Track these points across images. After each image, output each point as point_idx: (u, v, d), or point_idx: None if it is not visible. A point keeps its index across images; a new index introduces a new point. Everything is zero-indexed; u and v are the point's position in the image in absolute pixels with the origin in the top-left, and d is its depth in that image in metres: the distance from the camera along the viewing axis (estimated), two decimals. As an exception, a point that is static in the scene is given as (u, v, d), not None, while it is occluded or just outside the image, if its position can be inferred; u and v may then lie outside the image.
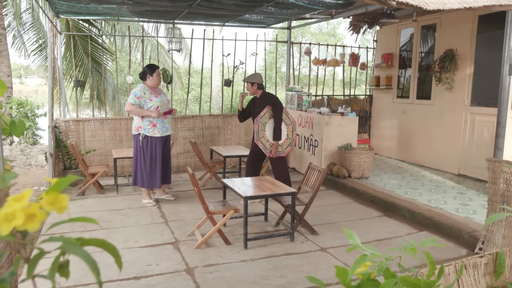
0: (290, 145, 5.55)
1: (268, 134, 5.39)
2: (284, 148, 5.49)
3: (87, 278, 3.29)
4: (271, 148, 5.36)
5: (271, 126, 5.40)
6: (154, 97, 5.29)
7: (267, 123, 5.39)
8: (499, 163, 3.66)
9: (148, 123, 5.26)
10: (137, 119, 5.30)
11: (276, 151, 5.36)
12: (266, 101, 5.44)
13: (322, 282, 1.04)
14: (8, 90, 8.60)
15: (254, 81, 5.46)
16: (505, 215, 3.58)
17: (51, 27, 6.22)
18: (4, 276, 0.69)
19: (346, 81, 9.43)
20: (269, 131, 5.40)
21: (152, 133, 5.28)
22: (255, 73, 5.69)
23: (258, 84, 5.46)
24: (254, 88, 5.48)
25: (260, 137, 5.33)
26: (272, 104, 5.40)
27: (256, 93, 5.52)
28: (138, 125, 5.28)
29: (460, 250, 4.09)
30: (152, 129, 5.28)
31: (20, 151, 7.84)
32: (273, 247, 4.09)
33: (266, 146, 5.35)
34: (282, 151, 5.47)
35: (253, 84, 5.46)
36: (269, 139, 5.38)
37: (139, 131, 5.28)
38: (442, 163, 7.03)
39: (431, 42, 7.40)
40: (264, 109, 5.39)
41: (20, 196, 0.67)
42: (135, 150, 5.37)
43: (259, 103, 5.50)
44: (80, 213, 5.13)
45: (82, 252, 0.65)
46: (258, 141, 5.34)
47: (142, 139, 5.27)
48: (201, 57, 8.03)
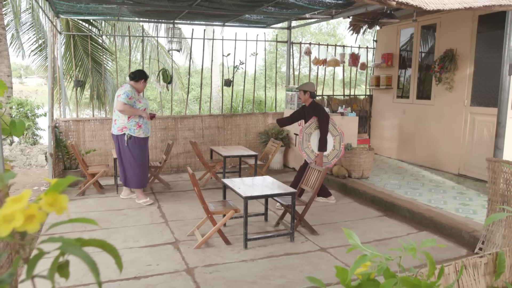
0: (337, 156, 5.48)
1: (313, 144, 5.34)
2: (330, 159, 5.43)
3: (87, 278, 3.29)
4: (316, 158, 5.29)
5: (316, 137, 5.34)
6: (142, 99, 5.41)
7: (312, 133, 5.34)
8: (499, 163, 3.66)
9: (134, 123, 5.27)
10: (122, 119, 5.27)
11: (321, 161, 5.29)
12: (312, 111, 5.40)
13: (322, 282, 1.04)
14: (8, 90, 8.60)
15: (307, 89, 5.41)
16: (505, 215, 3.58)
17: (51, 27, 6.22)
18: (3, 276, 0.69)
19: (346, 81, 9.43)
20: (314, 142, 5.34)
21: (137, 134, 5.31)
22: (308, 82, 5.67)
23: (310, 92, 5.42)
24: (306, 97, 5.44)
25: (304, 147, 5.29)
26: (317, 115, 5.33)
27: (307, 102, 5.48)
28: (123, 125, 5.26)
29: (460, 250, 4.08)
30: (138, 130, 5.31)
31: (20, 151, 7.84)
32: (273, 247, 4.09)
33: (311, 156, 5.30)
34: (328, 162, 5.42)
35: (306, 92, 5.42)
36: (313, 149, 5.34)
37: (124, 131, 5.27)
38: (442, 163, 7.03)
39: (431, 42, 7.40)
40: (310, 120, 5.36)
41: (19, 197, 0.67)
42: (120, 150, 5.34)
43: (307, 112, 5.47)
44: (80, 213, 5.13)
45: (81, 253, 0.65)
46: (302, 151, 5.30)
47: (128, 139, 5.27)
48: (201, 57, 8.03)
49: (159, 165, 6.33)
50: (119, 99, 5.23)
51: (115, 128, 5.34)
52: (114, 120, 5.38)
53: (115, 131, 5.34)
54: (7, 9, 10.22)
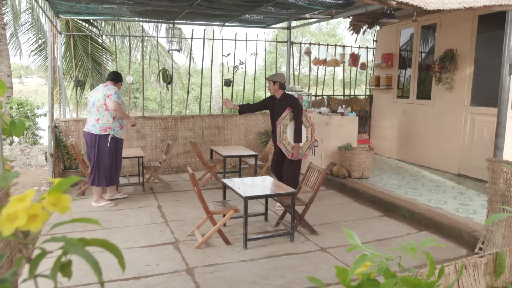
0: (310, 147, 5.46)
1: (289, 136, 5.31)
2: (304, 151, 5.40)
3: (87, 278, 3.29)
4: (293, 150, 5.27)
5: (292, 129, 5.31)
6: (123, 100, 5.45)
7: (288, 125, 5.31)
8: (499, 163, 3.67)
9: (118, 124, 5.27)
10: (106, 119, 5.19)
11: (298, 153, 5.27)
12: (286, 102, 5.31)
13: (322, 282, 1.05)
14: (8, 90, 8.60)
15: (277, 80, 5.33)
16: (505, 215, 3.58)
17: (51, 27, 6.22)
18: (6, 276, 0.69)
19: (346, 81, 9.43)
20: (290, 134, 5.31)
21: (119, 135, 5.34)
22: (278, 72, 5.62)
23: (280, 83, 5.33)
24: (275, 87, 5.35)
25: (282, 139, 5.26)
26: (292, 106, 5.27)
27: (276, 93, 5.39)
28: (107, 125, 5.19)
29: (460, 250, 4.09)
30: (121, 131, 5.35)
31: (20, 151, 7.84)
32: (273, 247, 4.10)
33: (288, 148, 5.27)
34: (303, 154, 5.38)
35: (275, 83, 5.34)
36: (290, 141, 5.31)
37: (108, 131, 5.20)
38: (442, 163, 7.04)
39: (431, 42, 7.40)
40: (285, 111, 5.29)
41: (22, 196, 0.67)
42: (101, 150, 5.23)
43: (278, 104, 5.38)
44: (80, 213, 5.13)
45: (84, 252, 0.66)
46: (280, 143, 5.25)
47: (111, 140, 5.22)
48: (201, 57, 8.03)
49: (159, 165, 6.33)
50: (111, 98, 5.14)
51: (97, 127, 5.18)
52: (96, 120, 5.19)
53: (97, 131, 5.18)
54: (6, 9, 10.22)
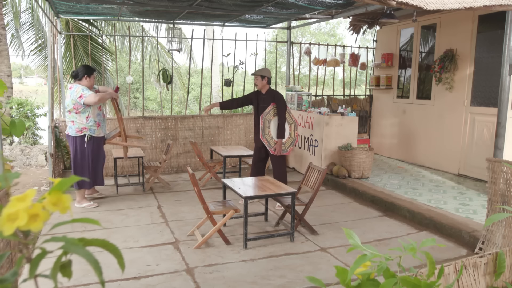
0: (292, 144, 5.54)
1: (272, 131, 5.36)
2: (286, 147, 5.48)
3: (87, 278, 3.29)
4: (275, 146, 5.33)
5: (275, 124, 5.36)
6: None
7: (272, 120, 5.36)
8: (499, 163, 3.67)
9: (93, 123, 5.15)
10: (80, 120, 5.09)
11: (280, 149, 5.33)
12: (270, 98, 5.36)
13: (322, 282, 1.05)
14: (8, 90, 8.60)
15: (266, 75, 5.36)
16: (505, 215, 3.58)
17: (51, 27, 6.21)
18: (6, 276, 0.69)
19: (346, 81, 9.43)
20: (273, 129, 5.37)
21: (97, 133, 5.22)
22: (264, 67, 5.63)
23: (268, 78, 5.37)
24: (263, 82, 5.38)
25: (265, 134, 5.31)
26: (276, 101, 5.33)
27: (263, 88, 5.43)
28: (82, 126, 5.11)
29: (460, 250, 4.09)
30: (98, 130, 5.22)
31: (20, 151, 7.84)
32: (273, 247, 4.10)
33: (271, 143, 5.33)
34: (285, 150, 5.45)
35: (264, 77, 5.36)
36: (273, 136, 5.37)
37: (84, 132, 5.12)
38: (442, 163, 7.04)
39: (431, 42, 7.41)
40: (269, 106, 5.34)
41: (23, 196, 0.67)
42: (80, 152, 5.15)
43: (263, 99, 5.42)
44: (80, 213, 5.14)
45: (84, 252, 0.66)
46: (263, 137, 5.31)
47: (88, 141, 5.14)
48: (201, 57, 8.04)
49: (159, 165, 6.33)
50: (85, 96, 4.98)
51: (73, 129, 5.12)
52: (72, 122, 5.13)
53: (73, 133, 5.13)
54: (7, 9, 10.22)
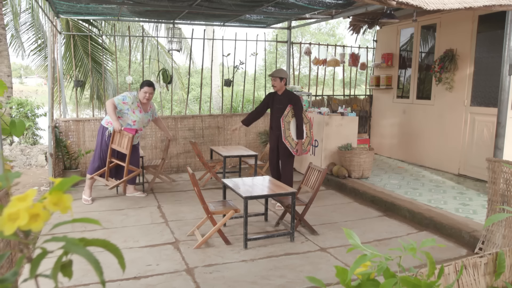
0: (310, 143, 5.55)
1: (292, 133, 5.36)
2: (305, 146, 5.47)
3: (87, 278, 3.29)
4: (297, 147, 5.32)
5: (294, 125, 5.36)
6: (138, 112, 5.44)
7: (291, 122, 5.35)
8: (499, 163, 3.67)
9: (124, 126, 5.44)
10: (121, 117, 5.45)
11: (301, 149, 5.34)
12: (287, 99, 5.32)
13: (322, 282, 1.05)
14: (8, 90, 8.60)
15: (283, 76, 5.32)
16: (505, 216, 3.58)
17: (51, 27, 6.21)
18: (6, 275, 0.69)
19: (346, 81, 9.43)
20: (293, 130, 5.37)
21: None
22: (280, 68, 5.60)
23: (286, 79, 5.36)
24: (282, 84, 5.33)
25: (287, 136, 5.30)
26: (294, 104, 5.30)
27: (281, 90, 5.38)
28: (109, 120, 5.40)
29: (460, 250, 4.09)
30: None
31: (20, 151, 7.84)
32: (273, 247, 4.10)
33: (293, 145, 5.33)
34: (305, 149, 5.46)
35: (282, 79, 5.32)
36: (293, 138, 5.36)
37: (108, 126, 5.41)
38: (442, 163, 7.04)
39: (431, 42, 7.41)
40: (287, 108, 5.31)
41: (23, 196, 0.67)
42: (98, 140, 5.52)
43: (279, 99, 5.38)
44: (80, 213, 5.14)
45: (85, 252, 0.66)
46: (285, 140, 5.29)
47: (108, 134, 5.41)
48: (201, 57, 8.04)
49: (158, 163, 6.34)
50: (116, 98, 5.41)
51: (104, 119, 5.52)
52: None
53: (103, 122, 5.51)
54: (7, 9, 10.22)
